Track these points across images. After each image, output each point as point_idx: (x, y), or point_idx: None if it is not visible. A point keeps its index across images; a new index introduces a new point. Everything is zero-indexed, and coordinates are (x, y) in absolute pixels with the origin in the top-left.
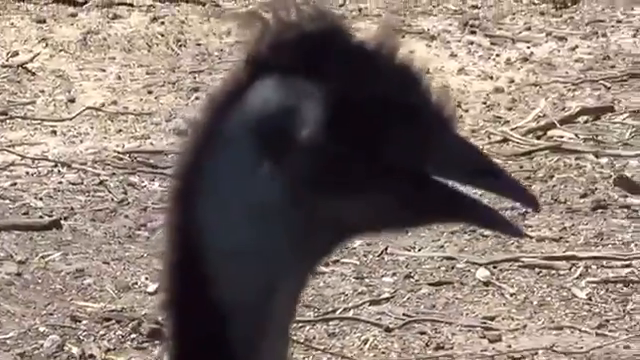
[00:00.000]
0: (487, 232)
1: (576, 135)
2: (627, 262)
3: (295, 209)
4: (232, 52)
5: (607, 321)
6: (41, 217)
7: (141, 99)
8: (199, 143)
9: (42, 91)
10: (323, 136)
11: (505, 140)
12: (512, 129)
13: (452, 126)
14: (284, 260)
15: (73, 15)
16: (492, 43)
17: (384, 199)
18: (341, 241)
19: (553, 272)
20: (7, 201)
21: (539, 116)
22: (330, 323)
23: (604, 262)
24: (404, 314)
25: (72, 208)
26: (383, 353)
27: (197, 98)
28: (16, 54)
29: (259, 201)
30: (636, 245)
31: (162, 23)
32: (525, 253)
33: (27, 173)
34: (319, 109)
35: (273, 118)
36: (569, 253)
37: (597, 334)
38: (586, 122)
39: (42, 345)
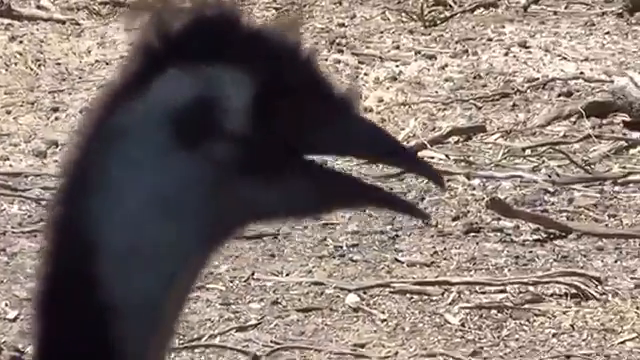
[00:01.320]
0: (356, 257)
1: (447, 156)
2: (501, 287)
3: (210, 197)
4: (92, 71)
5: (481, 348)
6: None
7: None
8: (91, 137)
9: None
10: (246, 124)
11: (403, 171)
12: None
13: (357, 109)
14: (187, 252)
15: None
16: (360, 62)
17: (301, 185)
18: (247, 225)
19: (425, 298)
20: None
21: (409, 136)
22: (195, 350)
23: (477, 287)
24: (272, 341)
25: None
26: None
27: (57, 118)
28: None
29: (166, 192)
30: (510, 270)
31: (20, 42)
32: (396, 278)
33: None
34: (240, 96)
35: (186, 108)
36: (441, 278)
37: None
38: (457, 142)
39: None
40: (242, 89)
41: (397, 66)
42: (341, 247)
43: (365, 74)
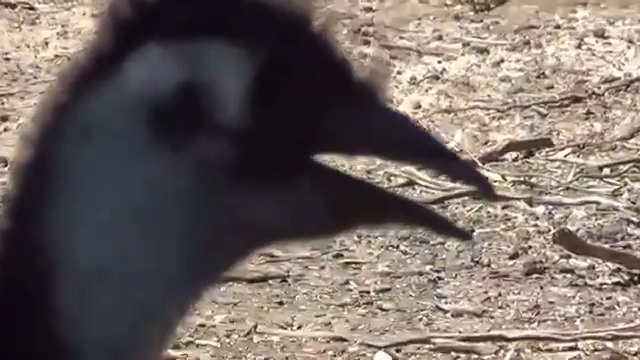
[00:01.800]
0: (387, 305)
1: (503, 177)
2: (571, 344)
3: (199, 208)
4: (51, 69)
5: None
6: None
7: None
8: (49, 133)
9: None
10: (244, 115)
11: (410, 183)
12: (419, 169)
13: (386, 100)
14: (169, 280)
15: None
16: (391, 57)
17: (310, 193)
18: (251, 250)
19: (475, 357)
20: None
21: (457, 153)
22: None
23: (541, 344)
24: None
25: None
26: None
27: (6, 129)
28: None
29: (143, 201)
30: (582, 321)
31: None
32: (438, 332)
33: None
34: (236, 80)
35: (168, 94)
36: (495, 332)
37: None
38: (516, 160)
39: None
40: (238, 70)
41: (439, 62)
42: (368, 293)
43: (398, 72)
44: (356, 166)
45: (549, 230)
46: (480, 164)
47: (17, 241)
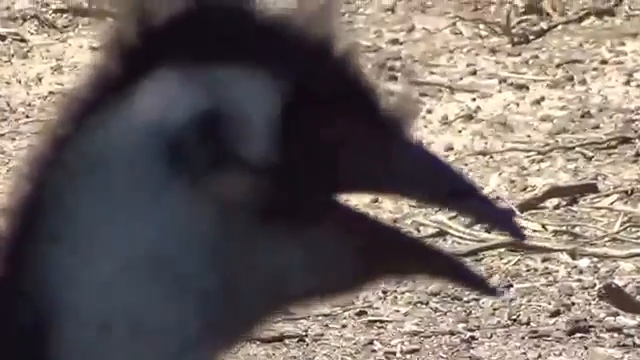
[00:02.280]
0: None
1: (543, 226)
2: None
3: (221, 251)
4: (45, 107)
5: None
6: None
7: None
8: (50, 167)
9: None
10: (269, 149)
11: (442, 234)
12: (451, 218)
13: (412, 135)
14: (184, 336)
15: None
16: (421, 94)
17: (335, 239)
18: (271, 308)
19: None
20: None
21: (489, 197)
22: None
23: None
24: None
25: None
26: None
27: None
28: None
29: (156, 246)
30: None
31: None
32: None
33: None
34: (263, 111)
35: (184, 126)
36: None
37: None
38: (557, 207)
39: None
40: (264, 100)
41: (473, 100)
42: (394, 354)
43: (428, 111)
44: (382, 215)
45: (594, 285)
46: (518, 212)
47: (11, 289)
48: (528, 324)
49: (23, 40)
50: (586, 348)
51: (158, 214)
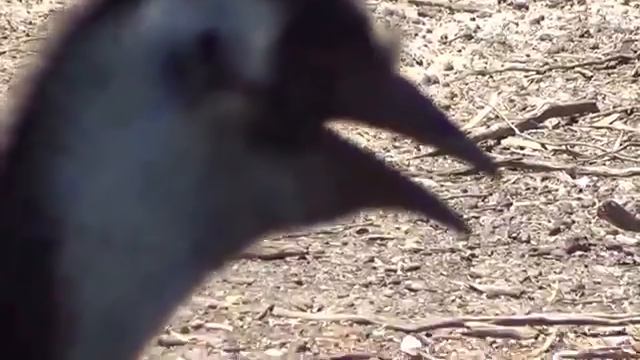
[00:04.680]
0: (416, 285)
1: (543, 145)
2: (619, 327)
3: (215, 169)
4: (45, 26)
5: None
6: None
7: None
8: (49, 83)
9: None
10: (269, 71)
11: (441, 152)
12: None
13: (397, 69)
14: (179, 252)
15: None
16: (420, 14)
17: (322, 164)
18: (260, 230)
19: (512, 342)
20: None
21: (489, 118)
22: None
23: (586, 328)
24: None
25: None
26: None
27: None
28: None
29: (153, 162)
30: (631, 303)
31: None
32: (472, 315)
33: None
34: (264, 34)
35: (187, 44)
36: (535, 315)
37: None
38: (557, 127)
39: None
40: (265, 23)
41: (473, 19)
42: (395, 271)
43: (428, 31)
44: (382, 133)
45: (594, 204)
46: (518, 131)
47: (13, 203)
48: (528, 242)
49: None
50: (586, 266)
51: (155, 131)
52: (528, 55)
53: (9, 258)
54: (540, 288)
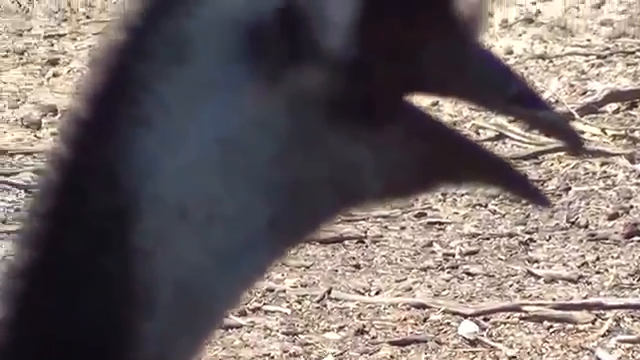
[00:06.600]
0: (474, 269)
1: (603, 130)
2: None
3: (293, 145)
4: (106, 7)
5: None
6: None
7: None
8: (126, 59)
9: None
10: (349, 44)
11: (501, 137)
12: (510, 121)
13: (480, 39)
14: (255, 228)
15: None
16: None
17: (403, 139)
18: (336, 208)
19: (570, 327)
20: None
21: (549, 103)
22: None
23: None
24: None
25: None
26: None
27: (55, 75)
28: None
29: (236, 134)
30: None
31: None
32: (529, 299)
33: None
34: (344, 6)
35: (270, 17)
36: (592, 299)
37: None
38: (617, 112)
39: None
40: None
41: (534, 3)
42: (453, 256)
43: (489, 14)
44: (442, 118)
45: None
46: (577, 116)
47: (90, 175)
48: (586, 227)
49: None
50: None
51: (235, 105)
52: (589, 40)
53: (84, 228)
54: (597, 273)
